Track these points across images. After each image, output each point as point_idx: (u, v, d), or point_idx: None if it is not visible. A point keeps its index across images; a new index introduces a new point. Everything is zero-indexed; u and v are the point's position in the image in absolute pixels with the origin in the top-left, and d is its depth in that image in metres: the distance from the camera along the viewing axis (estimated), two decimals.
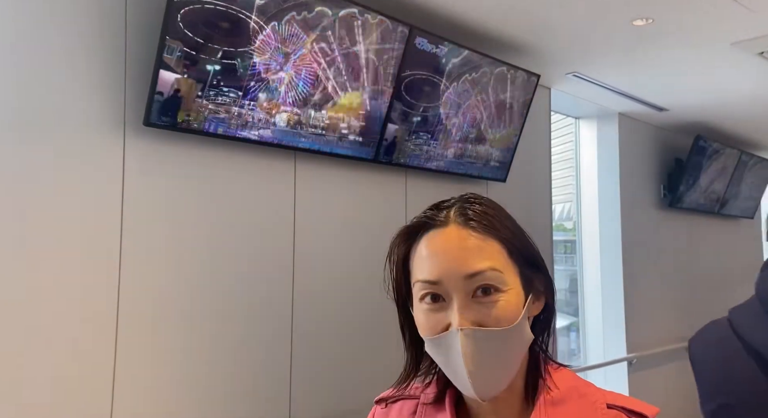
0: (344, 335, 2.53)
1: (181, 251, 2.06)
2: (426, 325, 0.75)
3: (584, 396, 0.76)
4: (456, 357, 0.71)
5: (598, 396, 0.76)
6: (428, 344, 0.76)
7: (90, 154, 1.87)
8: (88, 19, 1.87)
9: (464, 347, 0.70)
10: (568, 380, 0.78)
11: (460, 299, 0.72)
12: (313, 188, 2.46)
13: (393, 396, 0.86)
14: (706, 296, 5.08)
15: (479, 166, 3.06)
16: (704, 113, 4.35)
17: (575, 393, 0.76)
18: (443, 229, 0.76)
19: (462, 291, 0.73)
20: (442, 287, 0.73)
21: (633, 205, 4.38)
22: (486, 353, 0.71)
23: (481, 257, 0.73)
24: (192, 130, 2.01)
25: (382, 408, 0.87)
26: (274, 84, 2.15)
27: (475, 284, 0.72)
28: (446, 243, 0.75)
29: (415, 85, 2.61)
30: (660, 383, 4.47)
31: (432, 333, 0.74)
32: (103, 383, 1.85)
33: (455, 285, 0.73)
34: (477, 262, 0.73)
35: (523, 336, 0.74)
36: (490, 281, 0.73)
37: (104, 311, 1.87)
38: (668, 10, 2.60)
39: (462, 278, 0.72)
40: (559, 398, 0.75)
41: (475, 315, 0.72)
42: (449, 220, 0.77)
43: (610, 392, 0.78)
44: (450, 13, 2.61)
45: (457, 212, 0.77)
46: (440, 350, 0.74)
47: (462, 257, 0.73)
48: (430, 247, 0.76)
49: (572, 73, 3.42)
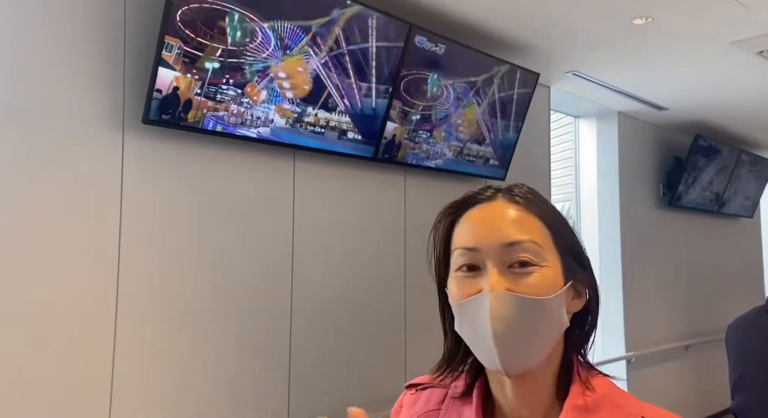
0: (343, 333, 2.53)
1: (179, 248, 2.06)
2: (458, 291, 0.73)
3: (619, 407, 0.73)
4: (483, 320, 0.69)
5: (635, 408, 0.73)
6: (456, 311, 0.74)
7: (89, 151, 1.87)
8: (87, 17, 1.87)
9: (493, 308, 0.69)
10: (604, 387, 0.75)
11: (496, 266, 0.71)
12: (312, 186, 2.46)
13: (424, 383, 0.83)
14: (705, 295, 5.09)
15: (478, 164, 3.06)
16: (704, 112, 4.35)
17: (609, 402, 0.73)
18: (488, 203, 0.76)
19: (499, 260, 0.72)
20: (480, 256, 0.72)
21: (632, 204, 4.38)
22: (514, 319, 0.69)
23: (522, 228, 0.73)
24: (191, 127, 2.01)
25: (411, 394, 0.84)
26: (273, 82, 2.15)
27: (513, 254, 0.71)
28: (489, 213, 0.75)
29: (414, 84, 2.61)
30: (658, 381, 4.47)
31: (462, 298, 0.72)
32: (101, 383, 1.85)
33: (493, 253, 0.72)
34: (517, 233, 0.72)
35: (556, 316, 0.72)
36: (528, 254, 0.71)
37: (102, 308, 1.87)
38: (668, 9, 2.60)
39: (500, 247, 0.72)
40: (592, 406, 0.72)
41: (509, 282, 0.71)
42: (496, 196, 0.77)
43: (647, 405, 0.74)
44: (449, 12, 2.61)
45: (505, 190, 0.78)
46: (468, 315, 0.72)
47: (502, 226, 0.73)
48: (472, 216, 0.76)
49: (572, 72, 3.42)
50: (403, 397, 0.86)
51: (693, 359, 4.78)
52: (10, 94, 1.73)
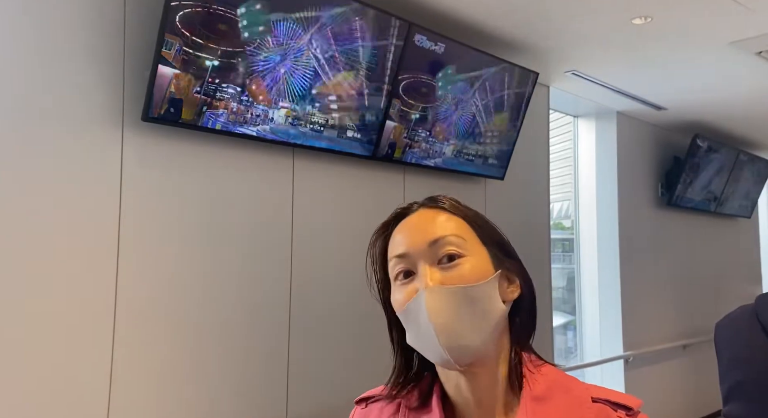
0: (341, 331, 2.53)
1: (178, 246, 2.06)
2: (400, 299, 0.76)
3: (569, 391, 0.76)
4: (424, 318, 0.72)
5: (582, 390, 0.76)
6: (402, 319, 0.77)
7: (88, 149, 1.87)
8: (87, 14, 1.87)
9: (429, 303, 0.72)
10: (552, 374, 0.78)
11: (426, 265, 0.75)
12: (311, 185, 2.46)
13: (373, 396, 0.86)
14: (703, 295, 5.10)
15: (477, 163, 3.06)
16: (702, 112, 4.35)
17: (559, 388, 0.76)
18: (413, 214, 0.81)
19: (428, 259, 0.75)
20: (411, 260, 0.76)
21: (631, 204, 4.39)
22: (452, 311, 0.72)
23: (444, 226, 0.77)
24: (190, 125, 2.01)
25: (362, 408, 0.87)
26: (273, 80, 2.15)
27: (439, 250, 0.75)
28: (414, 221, 0.80)
29: (413, 83, 2.61)
30: (656, 380, 4.48)
31: (403, 305, 0.75)
32: (100, 381, 1.85)
33: (421, 254, 0.75)
34: (439, 230, 0.76)
35: (491, 303, 0.74)
36: (453, 246, 0.75)
37: (101, 306, 1.87)
38: (667, 8, 2.60)
39: (426, 246, 0.75)
40: (544, 394, 0.75)
41: (440, 277, 0.74)
42: (420, 207, 0.82)
43: (593, 386, 0.78)
44: (449, 11, 2.61)
45: (426, 200, 0.83)
46: (412, 319, 0.74)
47: (426, 228, 0.77)
48: (400, 228, 0.80)
49: (571, 72, 3.42)
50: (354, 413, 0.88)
51: (690, 358, 4.79)
52: (9, 92, 1.73)
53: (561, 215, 4.76)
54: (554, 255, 3.99)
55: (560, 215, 4.76)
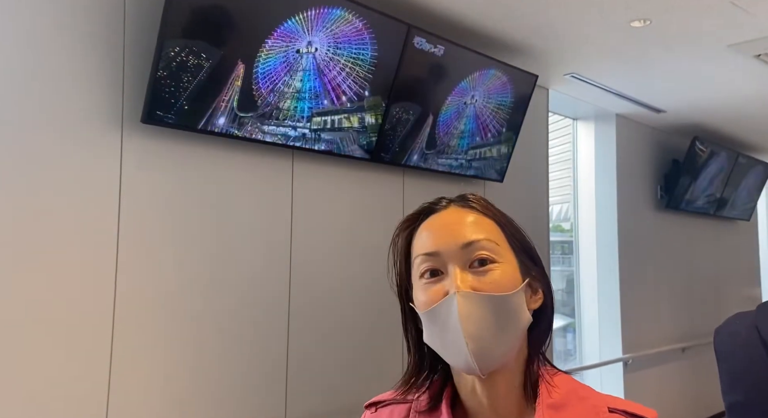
0: (340, 333, 2.53)
1: (177, 248, 2.06)
2: (424, 298, 0.74)
3: (585, 400, 0.75)
4: (453, 322, 0.71)
5: (599, 400, 0.76)
6: (425, 318, 0.75)
7: (88, 150, 1.86)
8: (87, 16, 1.87)
9: (461, 307, 0.70)
10: (567, 383, 0.77)
11: (457, 267, 0.73)
12: (310, 187, 2.46)
13: (383, 400, 0.84)
14: (702, 298, 5.10)
15: (476, 166, 3.06)
16: (701, 115, 4.36)
17: (575, 397, 0.75)
18: (443, 211, 0.79)
19: (459, 261, 0.74)
20: (440, 259, 0.74)
21: (630, 207, 4.39)
22: (483, 318, 0.71)
23: (478, 229, 0.76)
24: (189, 127, 2.01)
25: (371, 412, 0.85)
26: (272, 83, 2.15)
27: (471, 253, 0.74)
28: (445, 219, 0.78)
29: (413, 85, 2.61)
30: (655, 383, 4.48)
31: (430, 305, 0.73)
32: (98, 383, 1.85)
33: (452, 255, 0.74)
34: (473, 233, 0.75)
35: (520, 312, 0.74)
36: (486, 251, 0.74)
37: (100, 307, 1.87)
38: (666, 11, 2.61)
39: (459, 248, 0.74)
40: (560, 402, 0.74)
41: (472, 282, 0.73)
42: (450, 204, 0.80)
43: (610, 396, 0.77)
44: (448, 14, 2.61)
45: (458, 198, 0.81)
46: (437, 320, 0.73)
47: (459, 229, 0.76)
48: (429, 224, 0.78)
49: (570, 74, 3.43)
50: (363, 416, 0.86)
51: (690, 361, 4.79)
52: (8, 94, 1.73)
53: (560, 218, 4.76)
54: (553, 257, 3.99)
55: (559, 217, 4.76)
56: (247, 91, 2.09)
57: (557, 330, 4.52)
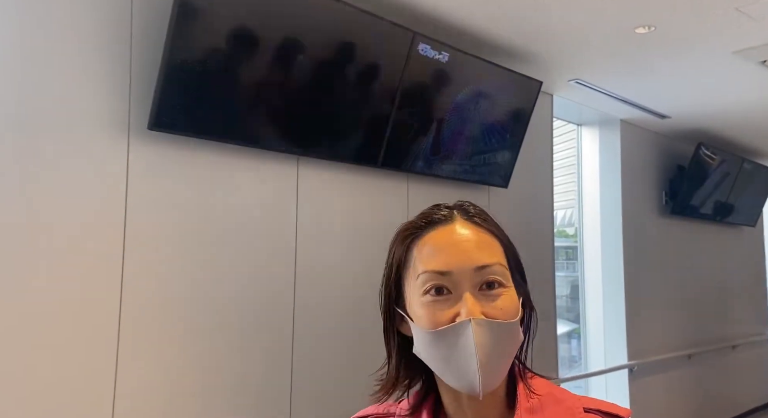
0: (345, 337, 2.53)
1: (183, 254, 2.06)
2: (430, 317, 0.74)
3: (561, 402, 0.77)
4: (467, 348, 0.71)
5: (575, 401, 0.78)
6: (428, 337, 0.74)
7: (94, 157, 1.88)
8: (94, 24, 1.89)
9: (478, 336, 0.71)
10: (544, 387, 0.79)
11: (470, 290, 0.73)
12: (315, 193, 2.46)
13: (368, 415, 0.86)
14: (708, 304, 5.07)
15: (481, 171, 3.06)
16: (706, 121, 4.35)
17: (551, 400, 0.77)
18: (449, 224, 0.78)
19: (470, 282, 0.74)
20: (452, 279, 0.74)
21: (635, 212, 4.38)
22: (495, 345, 0.72)
23: (490, 252, 0.76)
24: (195, 134, 2.02)
25: None
26: (274, 85, 2.16)
27: (482, 277, 0.74)
28: (455, 236, 0.77)
29: (417, 91, 2.62)
30: (661, 391, 4.45)
31: (436, 325, 0.73)
32: (104, 387, 1.85)
33: (464, 277, 0.74)
34: (486, 256, 0.75)
35: (519, 334, 0.76)
36: (497, 276, 0.75)
37: (107, 313, 1.87)
38: (670, 17, 2.61)
39: (472, 270, 0.74)
40: (537, 406, 0.76)
41: (483, 307, 0.73)
42: (453, 216, 0.79)
43: (585, 397, 0.79)
44: (453, 20, 2.62)
45: (458, 208, 0.80)
46: (444, 343, 0.73)
47: (472, 249, 0.75)
48: (438, 239, 0.77)
49: (574, 80, 3.43)
50: None
51: (695, 368, 4.76)
52: (17, 100, 1.74)
53: (565, 223, 4.75)
54: (558, 263, 3.98)
55: (564, 222, 4.75)
56: (253, 98, 2.10)
57: (561, 336, 4.50)
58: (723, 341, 5.07)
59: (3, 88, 1.72)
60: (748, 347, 5.44)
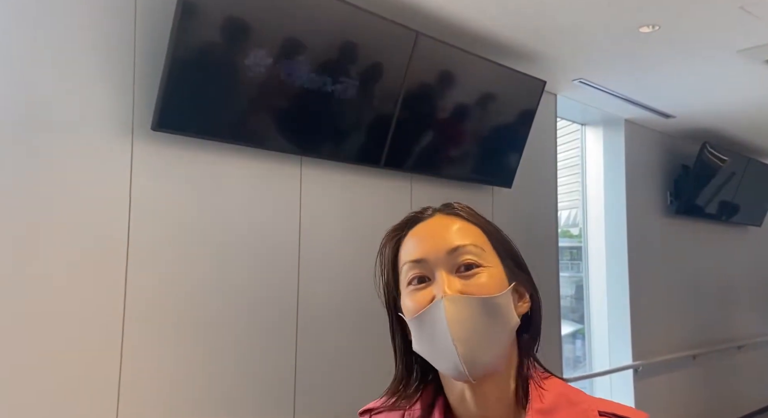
0: (349, 339, 2.53)
1: (187, 254, 2.07)
2: (412, 305, 0.75)
3: (575, 404, 0.75)
4: (442, 327, 0.71)
5: (590, 403, 0.76)
6: (413, 325, 0.75)
7: (98, 157, 1.88)
8: (98, 24, 1.89)
9: (449, 312, 0.71)
10: (557, 387, 0.77)
11: (444, 272, 0.74)
12: (318, 194, 2.47)
13: (377, 408, 0.85)
14: (713, 304, 5.05)
15: (485, 172, 3.06)
16: (711, 120, 4.33)
17: (565, 401, 0.75)
18: (429, 219, 0.80)
19: (446, 266, 0.74)
20: (427, 266, 0.75)
21: (639, 212, 4.36)
22: (471, 321, 0.71)
23: (463, 235, 0.77)
24: (199, 134, 2.03)
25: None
26: (278, 86, 2.16)
27: (457, 258, 0.75)
28: (430, 227, 0.79)
29: (420, 91, 2.62)
30: (666, 391, 4.44)
31: (417, 311, 0.74)
32: (108, 384, 1.86)
33: (439, 261, 0.75)
34: (459, 238, 0.76)
35: (507, 315, 0.74)
36: (471, 255, 0.75)
37: (111, 312, 1.88)
38: (675, 17, 2.60)
39: (445, 253, 0.75)
40: (550, 407, 0.74)
41: (459, 286, 0.73)
42: (435, 213, 0.81)
43: (600, 399, 0.77)
44: (456, 20, 2.62)
45: (443, 206, 0.82)
46: (425, 326, 0.73)
47: (445, 235, 0.77)
48: (415, 233, 0.79)
49: (578, 80, 3.42)
50: None
51: (700, 368, 4.74)
52: (20, 100, 1.75)
53: (569, 223, 4.74)
54: (562, 263, 3.97)
55: (568, 223, 4.74)
56: (255, 98, 2.10)
57: (566, 337, 4.49)
58: (728, 342, 5.05)
59: (6, 88, 1.72)
60: (753, 347, 5.42)
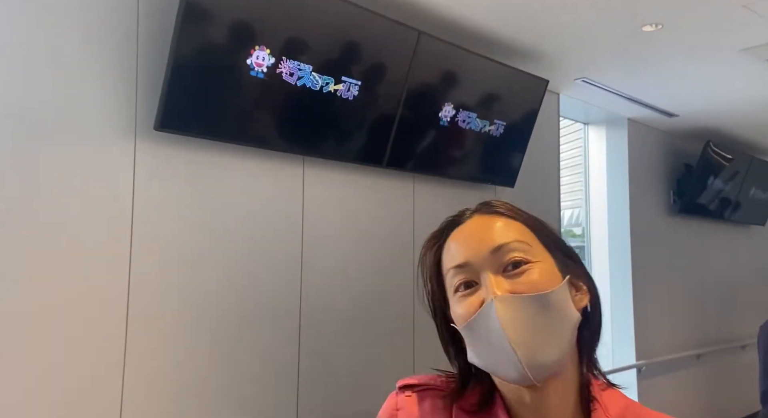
0: (352, 338, 2.53)
1: (190, 254, 2.07)
2: (462, 312, 0.70)
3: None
4: (496, 331, 0.65)
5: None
6: (466, 334, 0.70)
7: (101, 157, 1.88)
8: (101, 25, 1.90)
9: (501, 314, 0.65)
10: (622, 399, 0.73)
11: (490, 273, 0.69)
12: (321, 194, 2.47)
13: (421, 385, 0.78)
14: (716, 303, 5.04)
15: (487, 171, 3.05)
16: (714, 119, 4.32)
17: (630, 414, 0.71)
18: (468, 221, 0.76)
19: (492, 266, 0.70)
20: (472, 269, 0.70)
21: (642, 211, 4.36)
22: (527, 321, 0.66)
23: (505, 232, 0.72)
24: (202, 134, 2.03)
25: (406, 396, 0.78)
26: (280, 85, 2.16)
27: (503, 257, 0.70)
28: (470, 228, 0.74)
29: (423, 90, 2.62)
30: (670, 391, 4.43)
31: (468, 318, 0.69)
32: (112, 386, 1.86)
33: (484, 263, 0.70)
34: (501, 236, 0.71)
35: (566, 310, 0.68)
36: (517, 253, 0.70)
37: (114, 313, 1.88)
38: (677, 16, 2.59)
39: (489, 253, 0.70)
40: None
41: (509, 285, 0.68)
42: (473, 213, 0.77)
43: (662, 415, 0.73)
44: (458, 19, 2.62)
45: (480, 206, 0.78)
46: (479, 333, 0.68)
47: (486, 235, 0.72)
48: (455, 237, 0.75)
49: (581, 79, 3.42)
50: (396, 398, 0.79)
51: (704, 368, 4.73)
52: (22, 101, 1.75)
53: (572, 223, 4.73)
54: None
55: (571, 222, 4.73)
56: (258, 98, 2.10)
57: None
58: (732, 341, 5.03)
59: (8, 90, 1.73)
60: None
